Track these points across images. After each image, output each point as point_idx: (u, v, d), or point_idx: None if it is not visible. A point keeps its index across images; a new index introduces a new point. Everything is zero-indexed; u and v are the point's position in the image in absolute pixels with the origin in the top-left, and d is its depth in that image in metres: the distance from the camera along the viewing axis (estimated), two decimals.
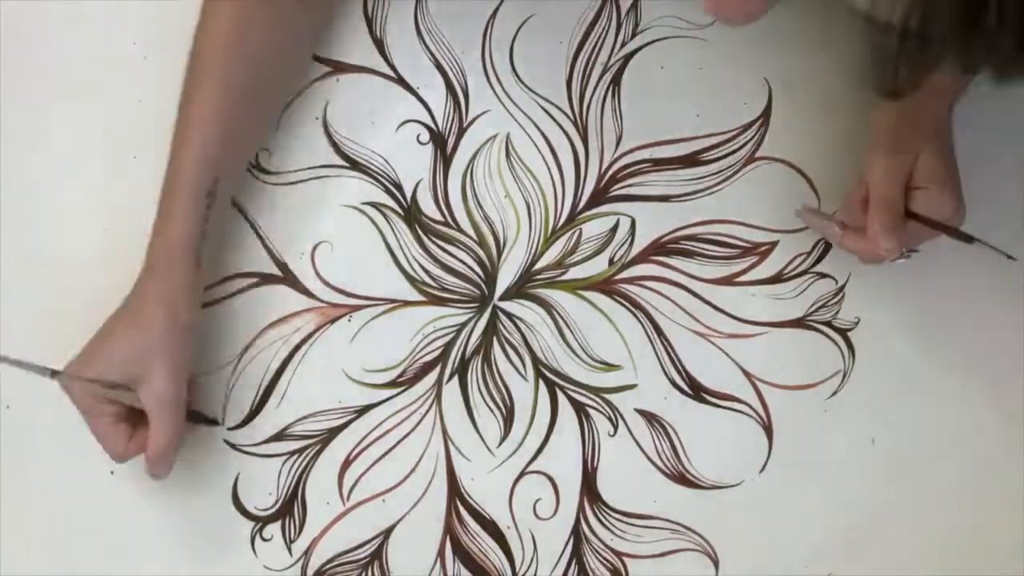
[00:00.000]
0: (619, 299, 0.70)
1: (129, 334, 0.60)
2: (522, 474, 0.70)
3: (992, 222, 0.67)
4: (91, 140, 0.67)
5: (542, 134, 0.69)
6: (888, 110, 0.65)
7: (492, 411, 0.69)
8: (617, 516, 0.70)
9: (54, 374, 0.59)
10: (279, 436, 0.68)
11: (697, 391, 0.70)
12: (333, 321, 0.68)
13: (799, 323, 0.71)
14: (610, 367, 0.70)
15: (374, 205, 0.68)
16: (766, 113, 0.70)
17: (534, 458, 0.70)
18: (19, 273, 0.67)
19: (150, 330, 0.59)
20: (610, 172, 0.69)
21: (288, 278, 0.68)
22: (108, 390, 0.59)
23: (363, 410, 0.69)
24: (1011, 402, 0.73)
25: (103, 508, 0.67)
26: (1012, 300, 0.72)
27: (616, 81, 0.69)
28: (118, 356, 0.59)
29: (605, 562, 0.70)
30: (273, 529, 0.69)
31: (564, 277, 0.70)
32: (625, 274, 0.70)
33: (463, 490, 0.69)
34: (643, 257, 0.70)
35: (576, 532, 0.70)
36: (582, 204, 0.69)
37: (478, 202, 0.69)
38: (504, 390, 0.69)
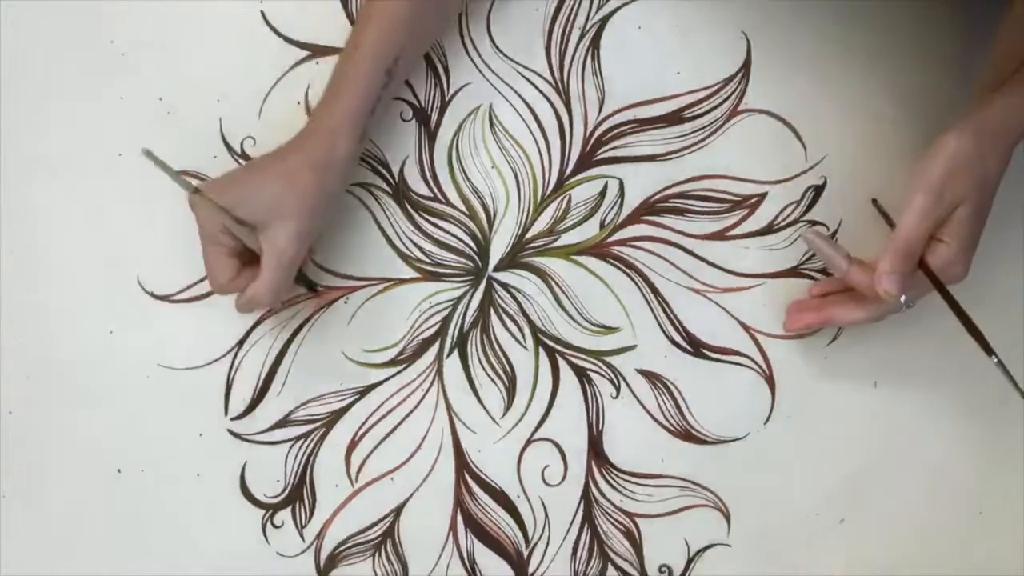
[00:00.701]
0: (613, 261, 0.70)
1: (276, 182, 0.59)
2: (528, 442, 0.70)
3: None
4: (75, 139, 0.67)
5: (525, 102, 0.69)
6: (950, 150, 0.59)
7: (494, 382, 0.70)
8: (626, 477, 0.70)
9: (195, 190, 0.58)
10: (283, 422, 0.68)
11: (697, 347, 0.71)
12: (329, 304, 0.69)
13: (793, 272, 0.71)
14: (608, 330, 0.70)
15: (362, 185, 0.68)
16: (746, 66, 0.70)
17: (539, 426, 0.70)
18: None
19: (296, 188, 0.59)
20: (595, 135, 0.69)
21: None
22: (233, 224, 0.59)
23: (365, 390, 0.69)
24: (1011, 337, 0.73)
25: (112, 507, 0.68)
26: (1008, 244, 0.72)
27: (595, 44, 0.69)
28: (258, 199, 0.59)
29: (617, 524, 0.70)
30: (284, 515, 0.69)
31: (556, 243, 0.70)
32: (617, 236, 0.70)
33: (471, 463, 0.70)
34: (634, 218, 0.70)
35: (586, 496, 0.70)
36: (569, 169, 0.69)
37: (465, 175, 0.69)
38: (505, 360, 0.70)
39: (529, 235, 0.69)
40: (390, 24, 0.61)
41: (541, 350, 0.70)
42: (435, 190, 0.69)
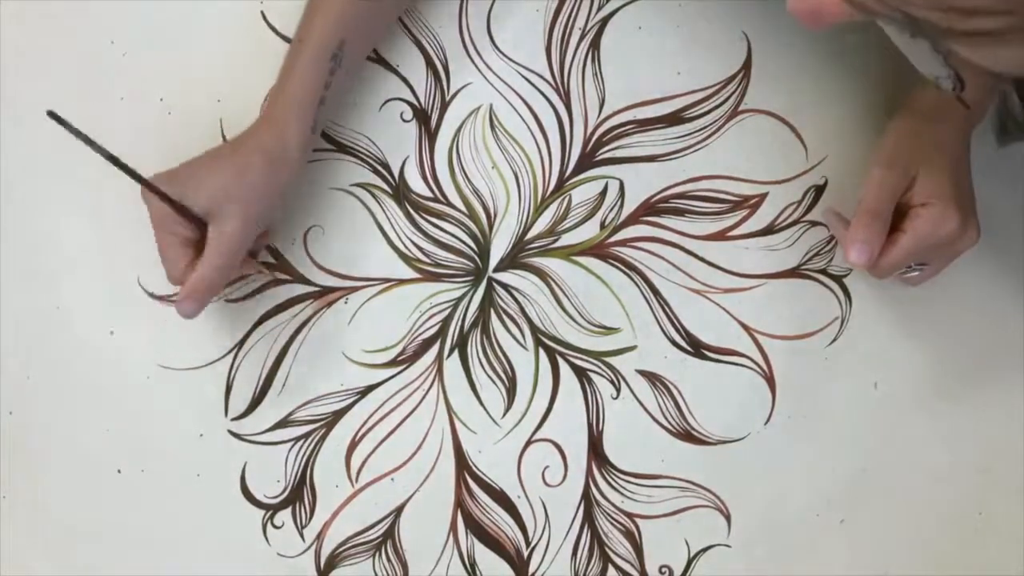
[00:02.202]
0: (613, 262, 0.70)
1: (226, 171, 0.60)
2: (528, 443, 0.70)
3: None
4: (76, 139, 0.67)
5: (525, 103, 0.69)
6: (893, 130, 0.66)
7: (494, 383, 0.70)
8: (626, 478, 0.70)
9: (142, 180, 0.58)
10: (283, 423, 0.68)
11: (697, 348, 0.71)
12: (330, 305, 0.69)
13: (794, 273, 0.71)
14: (609, 330, 0.70)
15: (362, 186, 0.68)
16: (746, 66, 0.70)
17: (539, 426, 0.70)
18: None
19: (244, 176, 0.59)
20: (595, 136, 0.69)
21: (281, 265, 0.68)
22: (182, 213, 0.59)
23: (366, 391, 0.69)
24: (1010, 339, 0.73)
25: (112, 508, 0.68)
26: (1007, 243, 0.72)
27: (595, 45, 0.69)
28: (205, 188, 0.59)
29: (617, 524, 0.70)
30: (284, 516, 0.69)
31: (557, 244, 0.70)
32: (617, 237, 0.70)
33: (471, 463, 0.70)
34: (634, 218, 0.70)
35: (586, 497, 0.70)
36: (570, 170, 0.69)
37: (466, 175, 0.69)
38: (505, 361, 0.70)
39: (529, 235, 0.69)
40: (334, 15, 0.61)
41: (541, 351, 0.70)
42: (435, 190, 0.69)
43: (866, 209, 0.63)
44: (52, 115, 0.55)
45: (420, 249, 0.69)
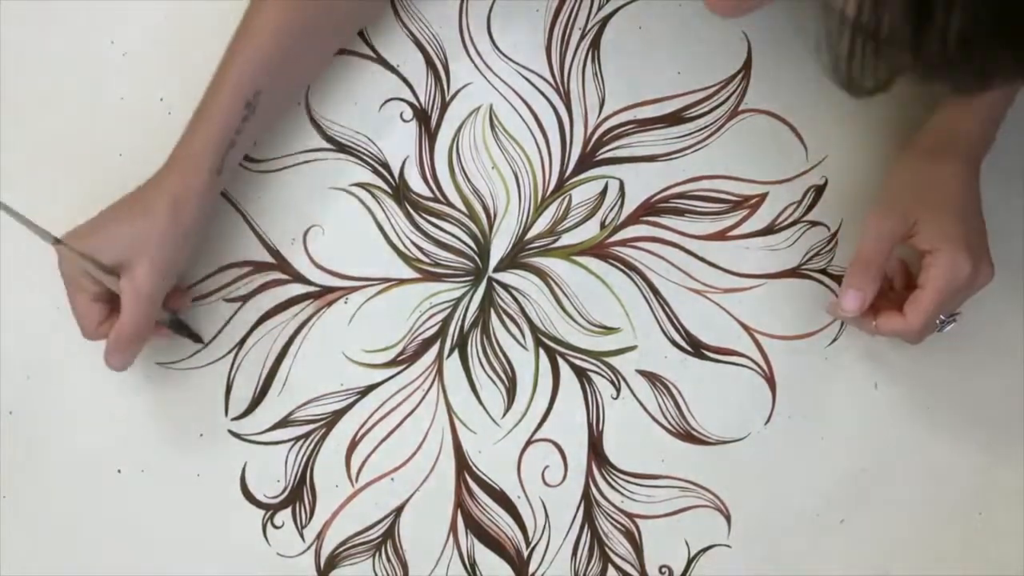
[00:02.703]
0: (613, 262, 0.70)
1: (134, 220, 0.60)
2: (528, 443, 0.70)
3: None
4: (76, 139, 0.67)
5: (525, 103, 0.69)
6: (897, 169, 0.66)
7: (494, 383, 0.70)
8: (626, 478, 0.70)
9: (56, 241, 0.59)
10: (283, 423, 0.68)
11: (697, 348, 0.71)
12: (330, 304, 0.69)
13: (794, 273, 0.71)
14: (609, 330, 0.70)
15: (362, 186, 0.68)
16: (746, 66, 0.70)
17: (539, 426, 0.70)
18: None
19: (149, 221, 0.59)
20: (595, 136, 0.69)
21: (281, 265, 0.68)
22: (94, 268, 0.59)
23: (366, 391, 0.69)
24: (1010, 339, 0.73)
25: (111, 508, 0.68)
26: (1007, 245, 0.72)
27: (595, 44, 0.69)
28: (114, 239, 0.59)
29: (617, 524, 0.70)
30: (284, 516, 0.69)
31: (557, 244, 0.70)
32: (617, 236, 0.70)
33: (471, 463, 0.70)
34: (634, 218, 0.70)
35: (586, 497, 0.70)
36: (570, 170, 0.69)
37: (466, 175, 0.69)
38: (505, 361, 0.70)
39: (529, 235, 0.69)
40: (253, 61, 0.60)
41: (541, 351, 0.70)
42: (435, 190, 0.69)
43: (859, 257, 0.64)
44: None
45: (420, 249, 0.69)
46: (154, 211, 0.59)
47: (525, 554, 0.70)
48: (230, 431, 0.68)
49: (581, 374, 0.70)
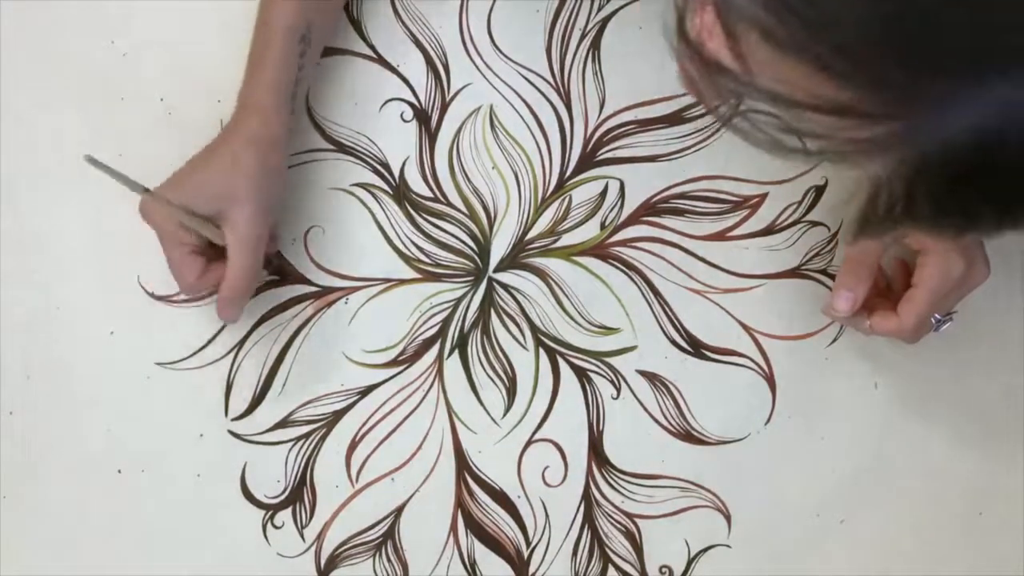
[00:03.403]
0: (613, 262, 0.70)
1: (221, 168, 0.60)
2: (529, 443, 0.70)
3: None
4: (76, 139, 0.67)
5: (525, 103, 0.69)
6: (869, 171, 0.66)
7: (495, 383, 0.70)
8: (626, 478, 0.70)
9: (146, 191, 0.58)
10: (284, 423, 0.68)
11: (697, 348, 0.71)
12: (330, 305, 0.68)
13: (794, 273, 0.71)
14: (609, 330, 0.70)
15: (363, 186, 0.68)
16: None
17: (539, 426, 0.70)
18: None
19: (241, 169, 0.59)
20: (596, 136, 0.69)
21: (281, 265, 0.68)
22: (192, 220, 0.59)
23: (366, 391, 0.69)
24: (1010, 339, 0.73)
25: (112, 508, 0.68)
26: (1006, 244, 0.72)
27: (595, 45, 0.69)
28: (208, 189, 0.59)
29: (617, 525, 0.70)
30: (284, 516, 0.69)
31: (557, 244, 0.70)
32: (618, 237, 0.70)
33: (471, 463, 0.70)
34: (634, 219, 0.70)
35: (587, 497, 0.70)
36: (570, 170, 0.69)
37: (466, 175, 0.69)
38: (505, 361, 0.70)
39: (530, 236, 0.69)
40: None
41: (541, 351, 0.70)
42: (435, 190, 0.69)
43: (849, 258, 0.65)
44: (90, 160, 0.55)
45: (420, 249, 0.69)
46: (242, 157, 0.60)
47: (525, 554, 0.70)
48: (230, 431, 0.68)
49: (581, 374, 0.70)
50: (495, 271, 0.69)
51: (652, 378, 0.70)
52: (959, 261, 0.63)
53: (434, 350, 0.69)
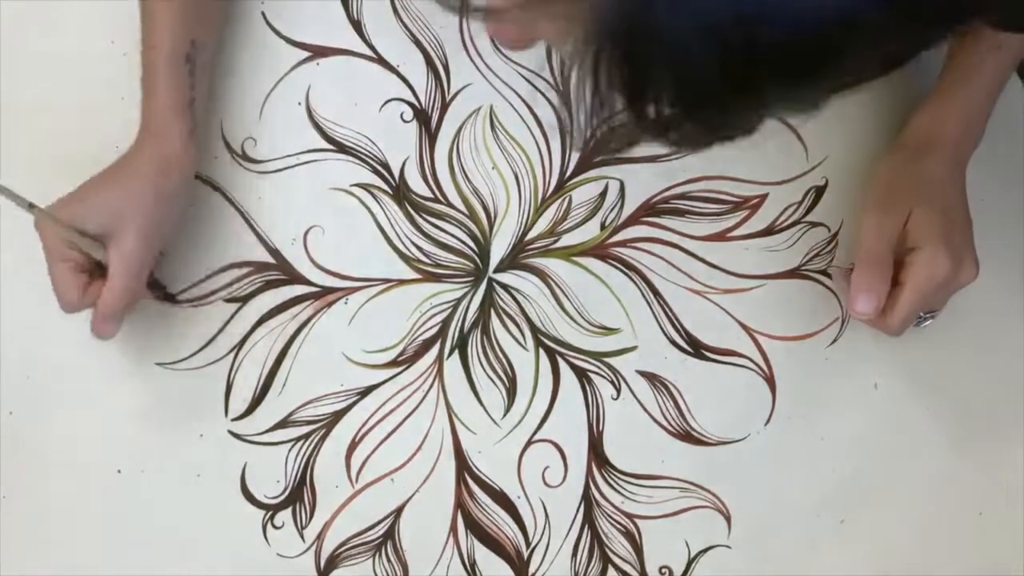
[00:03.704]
0: (613, 262, 0.70)
1: (114, 189, 0.60)
2: (529, 443, 0.70)
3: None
4: (76, 139, 0.67)
5: (525, 104, 0.69)
6: (883, 169, 0.66)
7: (494, 383, 0.70)
8: (626, 478, 0.70)
9: (32, 207, 0.59)
10: (283, 423, 0.68)
11: (697, 348, 0.71)
12: (330, 305, 0.68)
13: (794, 273, 0.71)
14: (609, 331, 0.70)
15: (363, 186, 0.68)
16: None
17: (539, 427, 0.70)
18: None
19: (135, 189, 0.60)
20: (595, 137, 0.69)
21: (281, 265, 0.68)
22: (79, 237, 0.59)
23: (366, 391, 0.69)
24: (1010, 338, 0.73)
25: (111, 508, 0.68)
26: (1006, 244, 0.72)
27: None
28: (98, 207, 0.59)
29: (617, 525, 0.70)
30: (284, 516, 0.69)
31: (557, 245, 0.70)
32: (617, 237, 0.70)
33: (471, 463, 0.70)
34: (634, 219, 0.70)
35: (586, 497, 0.70)
36: (570, 171, 0.69)
37: (466, 176, 0.69)
38: (505, 361, 0.70)
39: (530, 236, 0.70)
40: (172, 13, 0.61)
41: (542, 351, 0.70)
42: (435, 191, 0.69)
43: (866, 256, 0.64)
44: None
45: (420, 249, 0.69)
46: (138, 178, 0.60)
47: (525, 554, 0.70)
48: (230, 431, 0.68)
49: (581, 374, 0.70)
50: (495, 271, 0.69)
51: (652, 378, 0.70)
52: (946, 261, 0.63)
53: (434, 350, 0.69)
